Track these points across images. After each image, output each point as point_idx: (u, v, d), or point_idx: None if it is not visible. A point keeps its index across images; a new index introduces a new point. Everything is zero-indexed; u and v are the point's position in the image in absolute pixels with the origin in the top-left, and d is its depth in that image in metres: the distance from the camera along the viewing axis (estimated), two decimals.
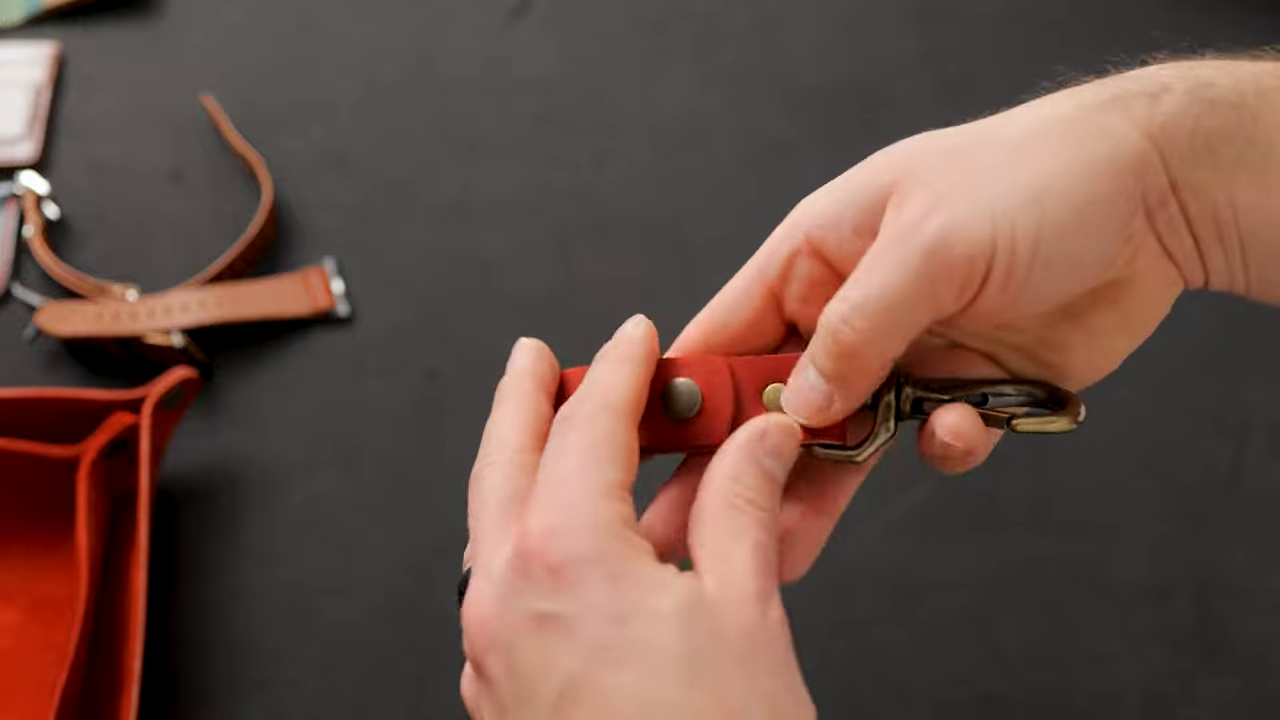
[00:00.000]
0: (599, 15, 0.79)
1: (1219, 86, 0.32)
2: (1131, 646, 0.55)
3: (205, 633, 0.55)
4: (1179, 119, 0.31)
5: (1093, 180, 0.31)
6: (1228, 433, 0.62)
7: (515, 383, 0.38)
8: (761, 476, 0.33)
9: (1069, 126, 0.32)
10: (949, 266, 0.31)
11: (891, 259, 0.31)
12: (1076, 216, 0.31)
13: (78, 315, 0.63)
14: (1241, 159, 0.31)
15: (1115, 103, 0.32)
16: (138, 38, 0.78)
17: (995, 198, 0.31)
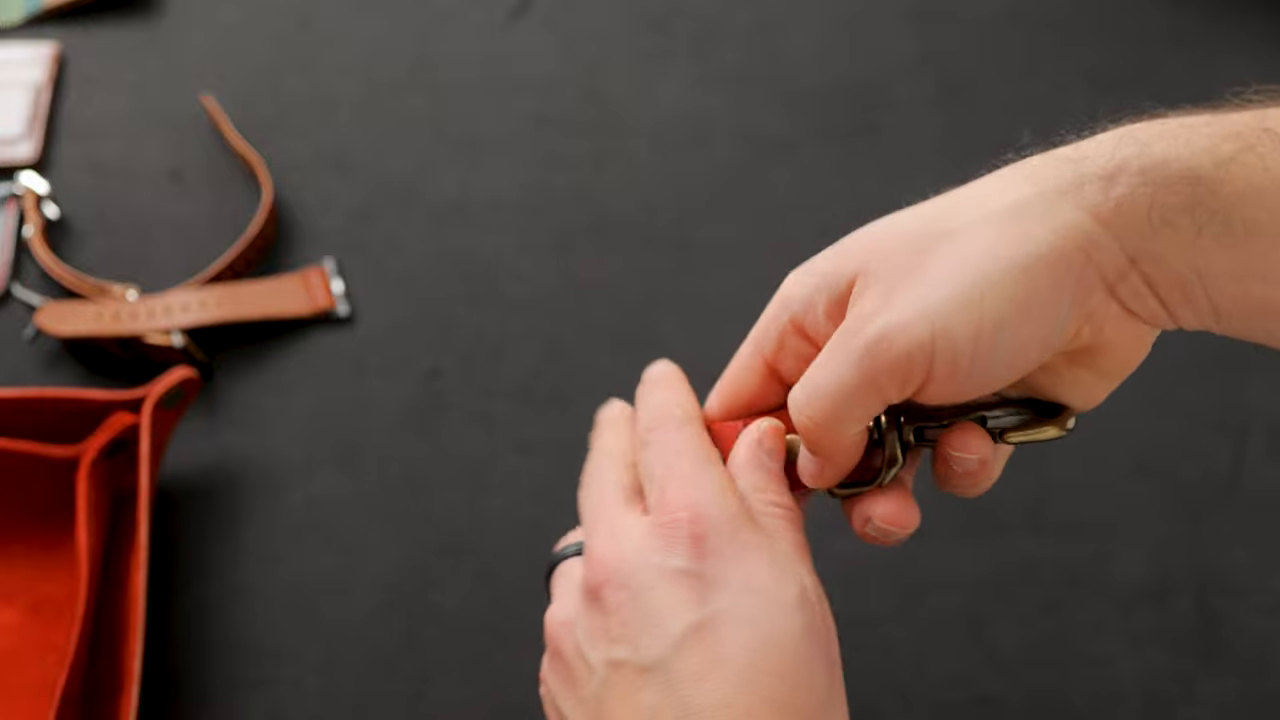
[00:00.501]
0: (599, 15, 0.79)
1: (1173, 164, 0.33)
2: (1131, 646, 0.55)
3: (205, 633, 0.55)
4: (1134, 201, 0.33)
5: (1031, 279, 0.33)
6: (1228, 433, 0.62)
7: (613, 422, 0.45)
8: (771, 476, 0.39)
9: (1017, 220, 0.34)
10: (891, 364, 0.34)
11: (838, 355, 0.35)
12: (1016, 312, 0.33)
13: (78, 315, 0.63)
14: (1203, 228, 0.33)
15: (1070, 190, 0.34)
16: (138, 38, 0.78)
17: (936, 300, 0.33)
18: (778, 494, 0.39)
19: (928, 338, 0.33)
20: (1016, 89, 0.75)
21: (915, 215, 0.36)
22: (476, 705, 0.54)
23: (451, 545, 0.59)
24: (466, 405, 0.63)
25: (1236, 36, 0.77)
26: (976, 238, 0.34)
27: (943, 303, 0.33)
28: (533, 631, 0.56)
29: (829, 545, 0.60)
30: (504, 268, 0.68)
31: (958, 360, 0.33)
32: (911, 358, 0.33)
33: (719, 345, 0.65)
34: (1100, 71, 0.76)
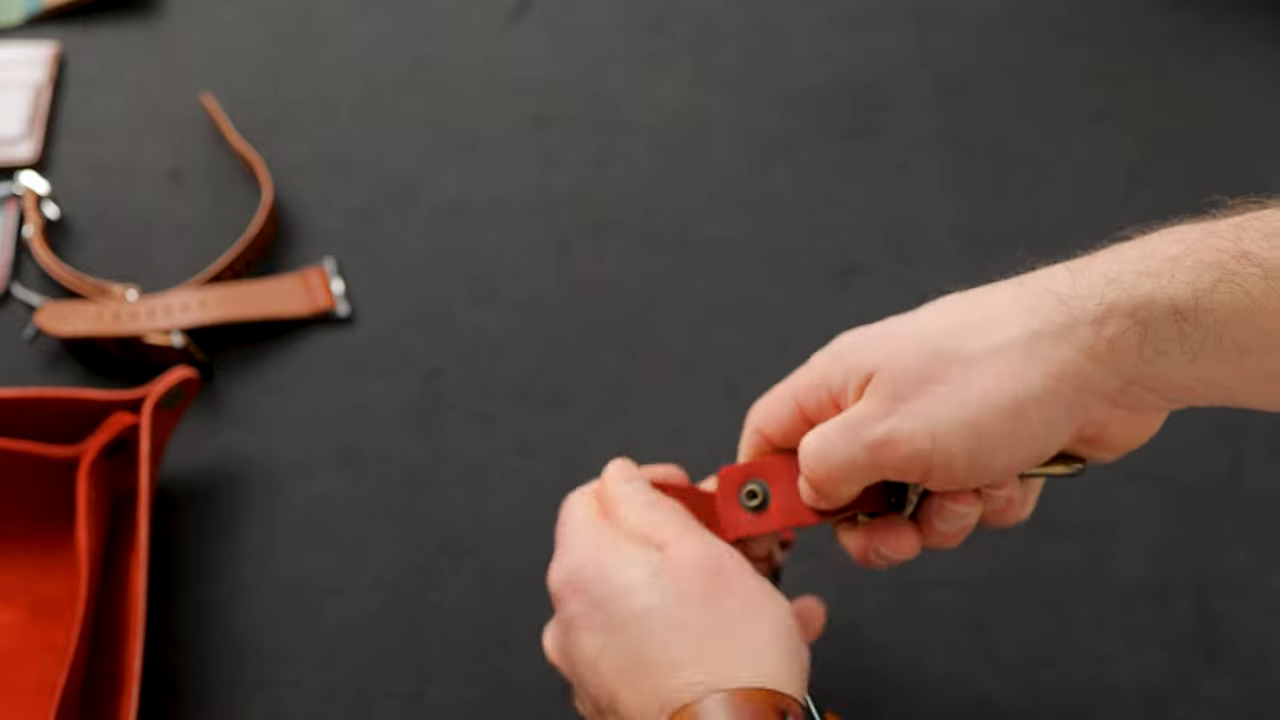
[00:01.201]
0: (599, 15, 0.79)
1: (1159, 302, 0.36)
2: (1131, 646, 0.55)
3: (205, 633, 0.55)
4: (1126, 339, 0.36)
5: (1024, 414, 0.38)
6: (1227, 434, 0.62)
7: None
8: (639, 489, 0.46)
9: (1015, 358, 0.38)
10: (893, 459, 0.40)
11: (846, 441, 0.40)
12: (1008, 438, 0.38)
13: (78, 315, 0.63)
14: (1197, 354, 0.36)
15: (1064, 331, 0.37)
16: (138, 38, 0.78)
17: (940, 420, 0.38)
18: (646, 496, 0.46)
19: (927, 449, 0.39)
20: (1016, 89, 0.75)
21: (934, 325, 0.41)
22: (476, 705, 0.54)
23: (451, 545, 0.58)
24: (466, 405, 0.63)
25: (1236, 37, 0.77)
26: (981, 370, 0.38)
27: (946, 423, 0.38)
28: (532, 631, 0.56)
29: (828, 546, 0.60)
30: (504, 268, 0.68)
31: (953, 469, 0.39)
32: (910, 461, 0.39)
33: (719, 345, 0.65)
34: (1100, 71, 0.76)
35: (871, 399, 0.40)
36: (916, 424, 0.39)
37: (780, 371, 0.46)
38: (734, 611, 0.41)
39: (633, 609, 0.41)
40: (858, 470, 0.41)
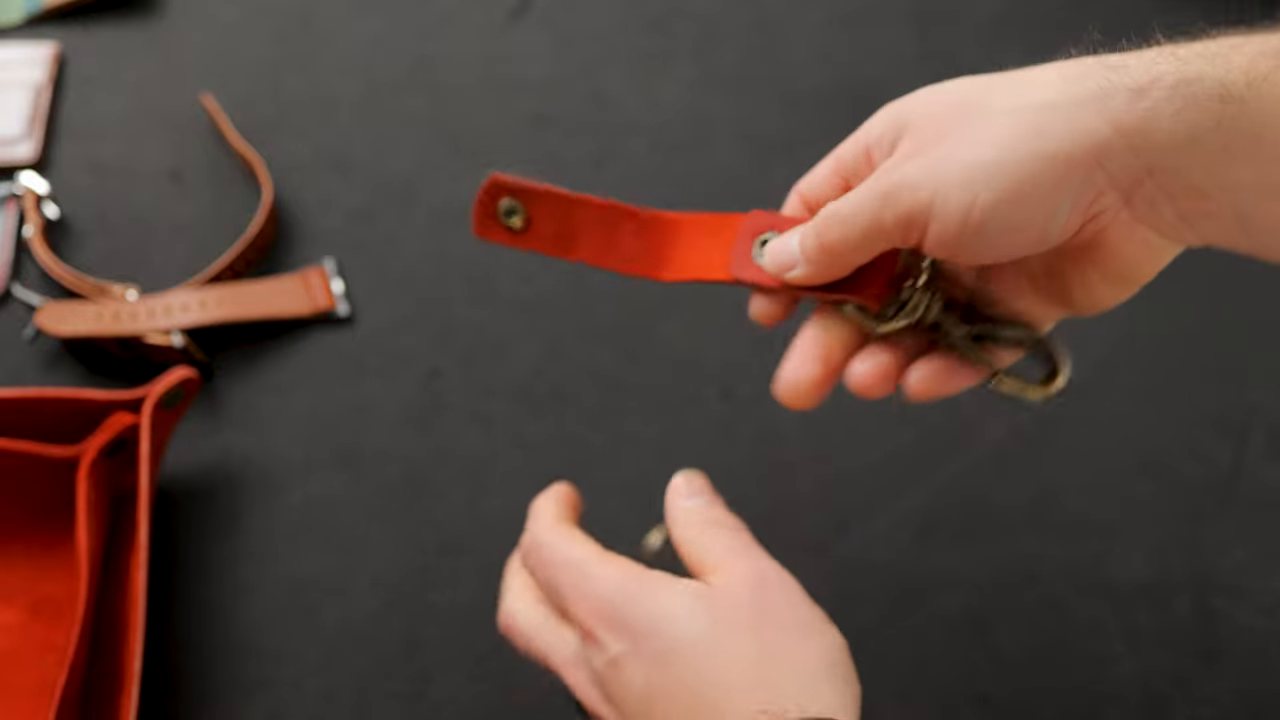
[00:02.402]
0: (599, 15, 0.79)
1: (1206, 80, 0.34)
2: (1131, 646, 0.55)
3: (205, 633, 0.55)
4: (1158, 115, 0.34)
5: (1032, 173, 0.35)
6: (1228, 433, 0.62)
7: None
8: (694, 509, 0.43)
9: (1040, 116, 0.36)
10: (894, 212, 0.37)
11: (863, 191, 0.38)
12: (1009, 200, 0.36)
13: (78, 315, 0.63)
14: (1229, 145, 0.34)
15: (1099, 97, 0.36)
16: (138, 38, 0.78)
17: (944, 171, 0.36)
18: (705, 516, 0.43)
19: (927, 202, 0.37)
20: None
21: (970, 86, 0.39)
22: (476, 705, 0.54)
23: (451, 545, 0.58)
24: (466, 405, 0.63)
25: None
26: (999, 124, 0.36)
27: (948, 175, 0.36)
28: None
29: (828, 547, 0.60)
30: (504, 268, 0.68)
31: (947, 228, 0.37)
32: (912, 214, 0.37)
33: (719, 346, 0.65)
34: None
35: (896, 151, 0.39)
36: (923, 176, 0.37)
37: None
38: (784, 638, 0.38)
39: (681, 638, 0.38)
40: (865, 223, 0.38)
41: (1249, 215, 0.35)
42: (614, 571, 0.40)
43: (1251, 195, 0.34)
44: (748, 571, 0.40)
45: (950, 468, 0.60)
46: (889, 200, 0.37)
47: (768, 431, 0.61)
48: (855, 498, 0.59)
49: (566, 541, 0.43)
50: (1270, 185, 0.34)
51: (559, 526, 0.44)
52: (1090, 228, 0.37)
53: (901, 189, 0.37)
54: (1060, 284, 0.40)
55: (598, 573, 0.41)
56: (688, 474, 0.44)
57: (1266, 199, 0.34)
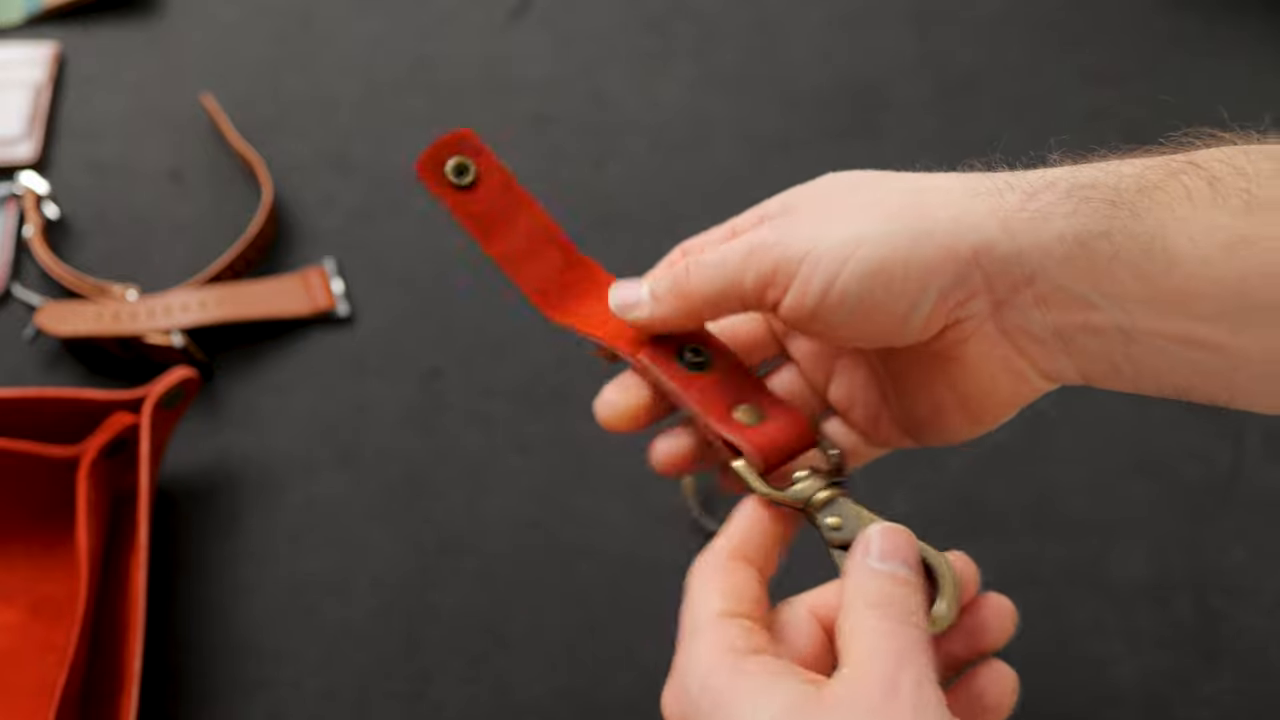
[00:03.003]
0: (599, 15, 0.79)
1: (1099, 186, 0.33)
2: (1131, 646, 0.55)
3: (205, 633, 0.55)
4: (1049, 216, 0.33)
5: (909, 252, 0.34)
6: (1227, 433, 0.62)
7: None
8: (888, 580, 0.34)
9: (930, 199, 0.35)
10: (759, 268, 0.36)
11: (735, 242, 0.37)
12: (877, 274, 0.34)
13: (78, 315, 0.63)
14: (1118, 253, 0.33)
15: (991, 194, 0.35)
16: (138, 38, 0.78)
17: (823, 234, 0.35)
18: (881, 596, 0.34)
19: (795, 262, 0.35)
20: (1016, 90, 0.75)
21: (869, 174, 0.38)
22: (476, 705, 0.54)
23: (451, 545, 0.58)
24: (466, 405, 0.63)
25: (1236, 38, 0.77)
26: (889, 200, 0.36)
27: (824, 239, 0.35)
28: (532, 631, 0.56)
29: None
30: None
31: (808, 293, 0.35)
32: (777, 272, 0.36)
33: None
34: (1100, 72, 0.76)
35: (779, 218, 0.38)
36: (800, 234, 0.36)
37: None
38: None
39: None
40: (726, 273, 0.37)
41: (1133, 334, 0.33)
42: (708, 659, 0.33)
43: (1139, 311, 0.33)
44: (882, 679, 0.31)
45: (950, 467, 0.60)
46: (756, 254, 0.36)
47: None
48: (855, 497, 0.59)
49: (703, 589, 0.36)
50: (1158, 300, 0.33)
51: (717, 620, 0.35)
52: (952, 334, 0.36)
53: (773, 245, 0.36)
54: (908, 399, 0.39)
55: (692, 656, 0.34)
56: (888, 529, 0.36)
57: (1153, 316, 0.33)
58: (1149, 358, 0.34)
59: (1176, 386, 0.34)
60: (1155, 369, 0.34)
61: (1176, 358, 0.33)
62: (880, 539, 0.35)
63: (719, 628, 0.34)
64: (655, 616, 0.56)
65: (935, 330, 0.36)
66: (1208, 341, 0.33)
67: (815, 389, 0.42)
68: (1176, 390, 0.34)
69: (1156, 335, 0.33)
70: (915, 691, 0.31)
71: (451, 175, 0.42)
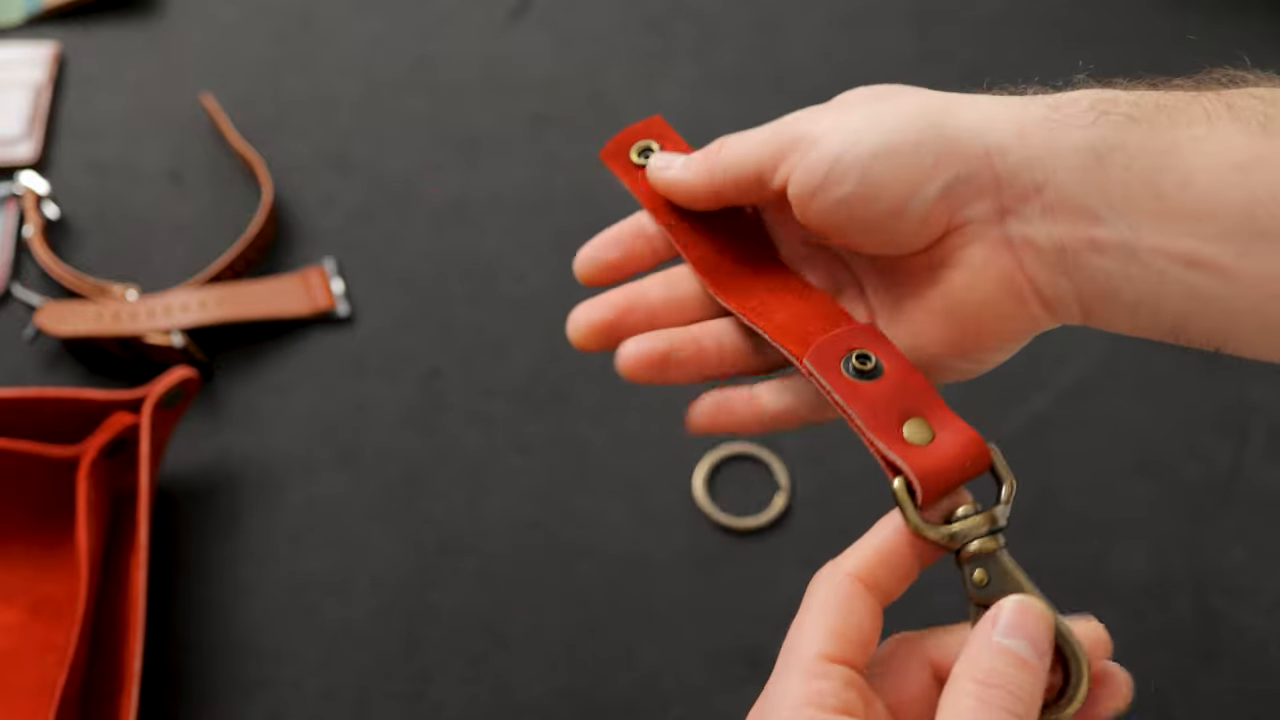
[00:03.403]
0: (599, 15, 0.79)
1: (1120, 101, 0.34)
2: (1132, 646, 0.55)
3: (205, 633, 0.55)
4: (1067, 126, 0.34)
5: (920, 138, 0.35)
6: (1228, 433, 0.62)
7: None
8: (1005, 659, 0.31)
9: (952, 101, 0.36)
10: (781, 140, 0.37)
11: (766, 126, 0.39)
12: (885, 153, 0.35)
13: (78, 315, 0.63)
14: (1132, 165, 0.32)
15: (1016, 104, 0.35)
16: (138, 38, 0.78)
17: (845, 118, 0.36)
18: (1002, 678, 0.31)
19: (816, 134, 0.36)
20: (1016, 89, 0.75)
21: (897, 86, 0.39)
22: (476, 705, 0.54)
23: (451, 545, 0.58)
24: (466, 405, 0.63)
25: (1238, 38, 0.77)
26: (914, 96, 0.37)
27: (844, 121, 0.36)
28: (532, 631, 0.56)
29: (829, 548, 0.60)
30: (504, 268, 0.68)
31: (820, 161, 0.36)
32: (796, 141, 0.37)
33: None
34: (1101, 72, 0.76)
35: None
36: (825, 116, 0.37)
37: None
38: None
39: None
40: (754, 142, 0.38)
41: (1137, 251, 0.33)
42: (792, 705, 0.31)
43: (1146, 226, 0.32)
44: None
45: None
46: (779, 132, 0.38)
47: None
48: (855, 498, 0.59)
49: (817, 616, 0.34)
50: (1167, 217, 0.32)
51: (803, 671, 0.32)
52: (953, 239, 0.35)
53: (795, 123, 0.37)
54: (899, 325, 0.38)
55: (789, 681, 0.32)
56: (1024, 604, 0.32)
57: (1159, 232, 0.32)
58: (1149, 280, 0.33)
59: (1174, 317, 0.33)
60: (1154, 295, 0.33)
61: (1178, 281, 0.33)
62: (1012, 613, 0.32)
63: (815, 674, 0.32)
64: (655, 616, 0.56)
65: (936, 231, 0.35)
66: (1212, 263, 0.32)
67: None
68: (1174, 323, 0.33)
69: (1161, 253, 0.32)
70: None
71: (638, 154, 0.44)
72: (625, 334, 0.40)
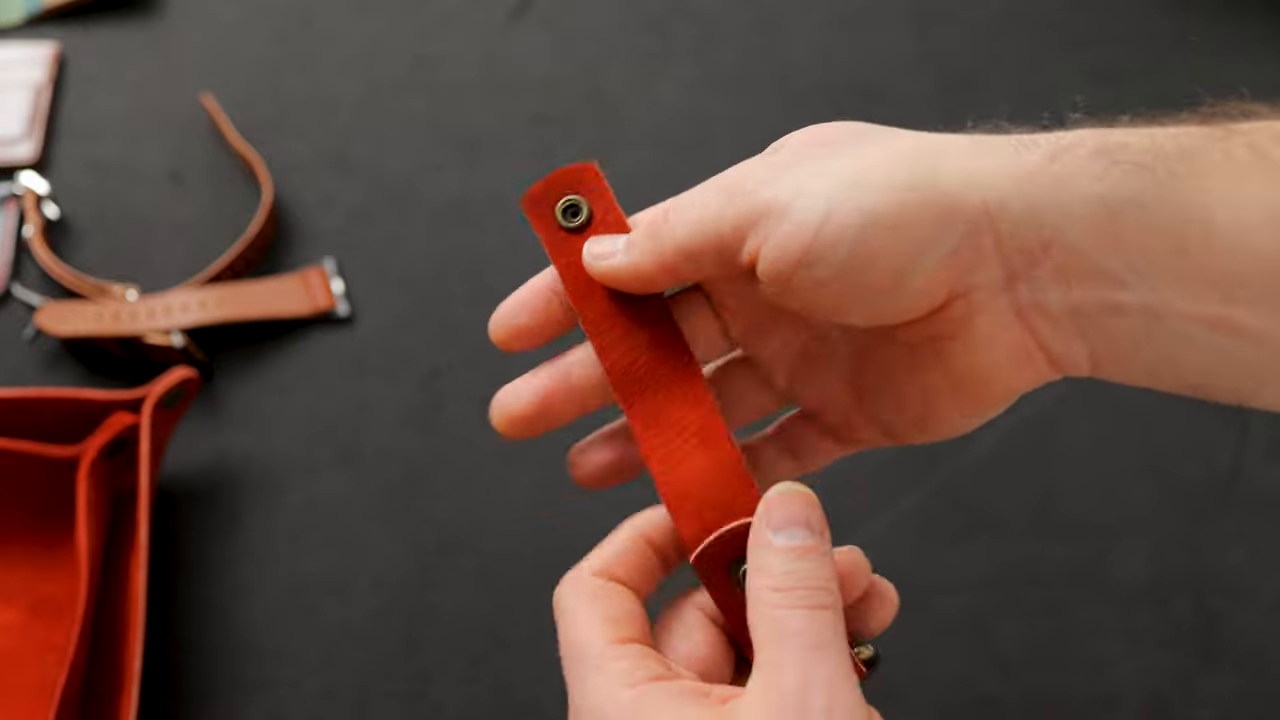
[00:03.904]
0: (599, 15, 0.79)
1: (1131, 148, 0.30)
2: (1131, 647, 0.55)
3: (205, 633, 0.55)
4: (1076, 175, 0.30)
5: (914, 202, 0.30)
6: (1228, 433, 0.62)
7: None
8: (788, 556, 0.31)
9: (942, 149, 0.31)
10: (741, 208, 0.32)
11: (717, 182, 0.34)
12: (875, 223, 0.30)
13: (78, 315, 0.63)
14: (1150, 222, 0.29)
15: (1009, 150, 0.31)
16: (138, 38, 0.78)
17: (817, 177, 0.31)
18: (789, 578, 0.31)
19: (784, 202, 0.31)
20: (1016, 89, 0.75)
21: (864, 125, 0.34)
22: (476, 705, 0.54)
23: (451, 545, 0.58)
24: (466, 405, 0.63)
25: (1238, 39, 0.77)
26: (898, 143, 0.32)
27: (816, 179, 0.31)
28: (532, 631, 0.56)
29: None
30: (504, 268, 0.68)
31: (794, 237, 0.31)
32: (760, 212, 0.32)
33: None
34: (1101, 72, 0.76)
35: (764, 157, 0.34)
36: (789, 173, 0.32)
37: None
38: None
39: None
40: (706, 214, 0.33)
41: (1162, 316, 0.30)
42: (606, 694, 0.31)
43: (1171, 289, 0.29)
44: (788, 695, 0.29)
45: (950, 468, 0.60)
46: (738, 197, 0.32)
47: None
48: (855, 498, 0.59)
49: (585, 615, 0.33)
50: (1193, 278, 0.29)
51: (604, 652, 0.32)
52: (958, 308, 0.31)
53: (758, 185, 0.32)
54: (893, 393, 0.35)
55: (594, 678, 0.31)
56: (788, 491, 0.32)
57: (1186, 296, 0.29)
58: (1173, 345, 0.30)
59: (1197, 375, 0.31)
60: (1178, 358, 0.30)
61: (1205, 345, 0.30)
62: (777, 506, 0.31)
63: (613, 658, 0.31)
64: (654, 616, 0.56)
65: (938, 299, 0.31)
66: (1245, 327, 0.29)
67: (775, 392, 0.38)
68: (1194, 382, 0.31)
69: (1188, 318, 0.29)
70: (827, 697, 0.28)
71: (563, 214, 0.38)
72: (551, 423, 0.37)
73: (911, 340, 0.33)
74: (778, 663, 0.29)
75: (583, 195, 0.38)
